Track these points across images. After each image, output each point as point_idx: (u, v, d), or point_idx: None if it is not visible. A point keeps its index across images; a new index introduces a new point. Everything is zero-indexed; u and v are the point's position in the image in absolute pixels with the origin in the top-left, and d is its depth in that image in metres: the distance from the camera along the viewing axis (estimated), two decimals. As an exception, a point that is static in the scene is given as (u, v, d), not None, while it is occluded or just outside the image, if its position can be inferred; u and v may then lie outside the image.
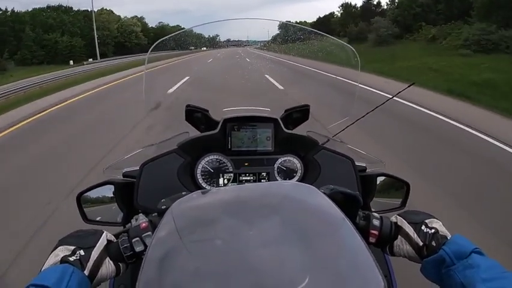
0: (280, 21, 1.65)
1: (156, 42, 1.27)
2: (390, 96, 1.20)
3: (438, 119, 6.15)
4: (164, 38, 1.29)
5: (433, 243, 0.64)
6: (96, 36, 33.53)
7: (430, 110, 6.60)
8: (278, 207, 0.55)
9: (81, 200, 1.00)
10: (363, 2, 34.81)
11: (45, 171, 4.07)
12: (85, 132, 5.80)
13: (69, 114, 7.52)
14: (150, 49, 1.29)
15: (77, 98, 9.68)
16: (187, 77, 4.52)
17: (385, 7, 30.95)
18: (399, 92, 1.17)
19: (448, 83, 9.34)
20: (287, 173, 1.10)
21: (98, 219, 1.02)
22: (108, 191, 1.03)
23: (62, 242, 0.62)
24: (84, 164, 3.95)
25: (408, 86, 1.20)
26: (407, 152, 4.29)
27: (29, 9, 40.12)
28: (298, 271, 0.43)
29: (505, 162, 4.07)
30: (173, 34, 1.35)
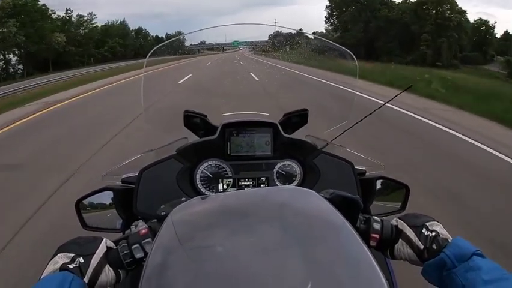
0: (284, 28, 1.64)
1: (153, 49, 1.28)
2: (387, 100, 1.20)
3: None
4: (160, 45, 1.32)
5: (434, 246, 0.64)
6: None
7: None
8: (278, 212, 0.55)
9: (80, 207, 0.99)
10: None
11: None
12: None
13: None
14: (148, 55, 1.31)
15: None
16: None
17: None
18: (396, 96, 1.17)
19: None
20: (286, 178, 1.09)
21: (97, 225, 1.02)
22: (107, 197, 1.02)
23: (61, 249, 0.62)
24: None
25: (405, 89, 1.20)
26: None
27: None
28: (300, 277, 0.43)
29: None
30: (168, 41, 1.38)
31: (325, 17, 39.08)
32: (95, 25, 41.30)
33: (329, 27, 40.86)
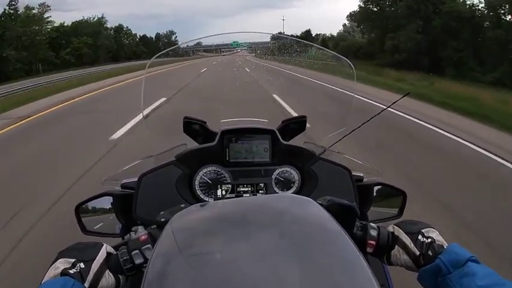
0: (281, 35, 1.69)
1: (156, 55, 1.31)
2: (386, 106, 1.21)
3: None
4: (162, 52, 1.35)
5: (430, 253, 0.65)
6: None
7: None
8: (276, 220, 0.56)
9: (79, 211, 1.00)
10: None
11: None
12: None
13: None
14: (152, 59, 1.35)
15: None
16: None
17: None
18: (396, 102, 1.18)
19: None
20: (285, 184, 1.10)
21: (96, 230, 1.02)
22: (106, 203, 1.03)
23: (62, 255, 0.62)
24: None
25: (404, 96, 1.22)
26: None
27: None
28: (296, 285, 0.43)
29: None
30: (170, 48, 1.43)
31: (354, 11, 30.85)
32: (48, 20, 31.75)
33: (353, 24, 34.50)
